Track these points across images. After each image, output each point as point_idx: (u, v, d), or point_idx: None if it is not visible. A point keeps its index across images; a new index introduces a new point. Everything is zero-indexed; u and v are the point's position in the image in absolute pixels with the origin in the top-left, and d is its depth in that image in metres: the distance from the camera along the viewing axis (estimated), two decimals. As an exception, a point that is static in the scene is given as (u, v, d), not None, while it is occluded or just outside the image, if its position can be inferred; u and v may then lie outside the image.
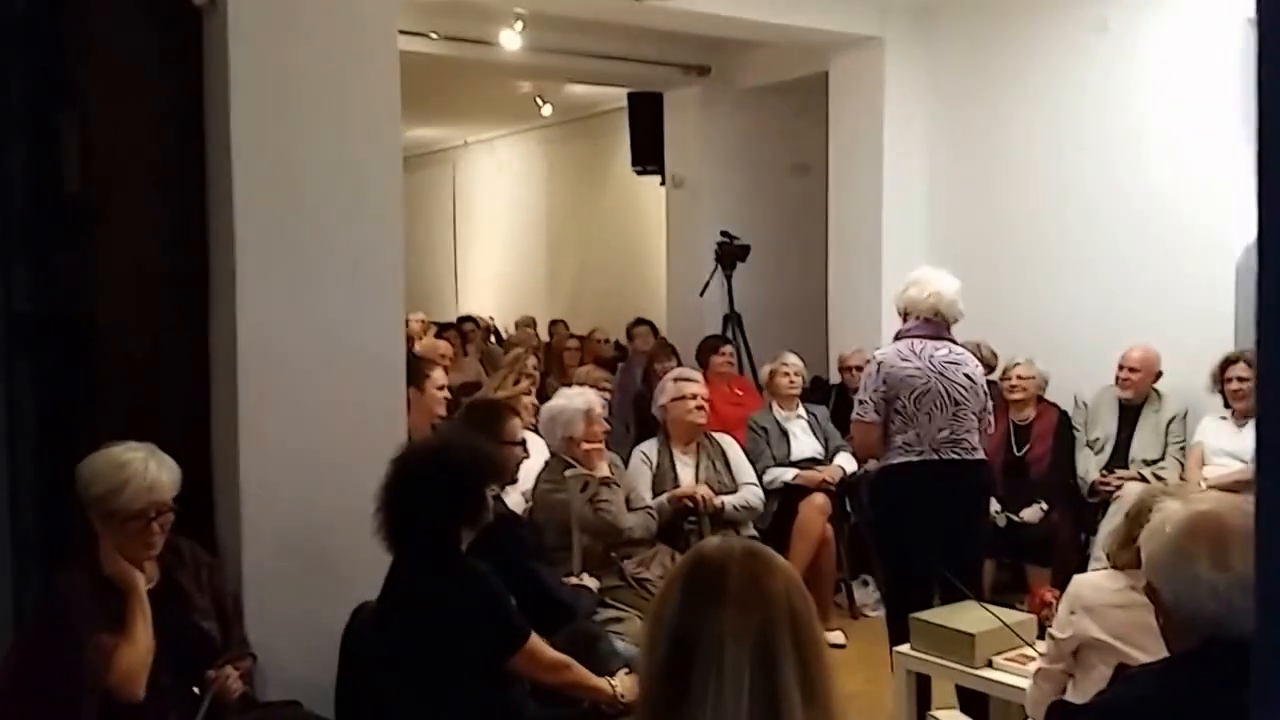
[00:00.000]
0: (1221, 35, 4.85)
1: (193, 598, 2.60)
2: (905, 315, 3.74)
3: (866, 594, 5.09)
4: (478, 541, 2.55)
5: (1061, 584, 4.60)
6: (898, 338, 3.75)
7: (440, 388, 4.18)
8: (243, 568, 2.86)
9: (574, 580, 3.22)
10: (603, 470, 3.61)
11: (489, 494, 2.48)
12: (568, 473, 3.53)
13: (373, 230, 3.02)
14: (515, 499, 3.81)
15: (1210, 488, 4.52)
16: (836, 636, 4.65)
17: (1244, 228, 4.88)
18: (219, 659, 2.57)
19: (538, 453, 3.87)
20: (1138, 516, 2.48)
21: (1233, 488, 4.49)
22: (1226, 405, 4.67)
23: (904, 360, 3.61)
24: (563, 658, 2.49)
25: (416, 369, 4.27)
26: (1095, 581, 2.54)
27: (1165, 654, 1.75)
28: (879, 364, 3.64)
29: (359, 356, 3.01)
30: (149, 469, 2.46)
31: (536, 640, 2.44)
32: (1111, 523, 4.63)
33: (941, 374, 3.59)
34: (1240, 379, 4.58)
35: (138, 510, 2.45)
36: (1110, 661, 2.44)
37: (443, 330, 8.20)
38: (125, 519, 2.45)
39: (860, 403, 3.65)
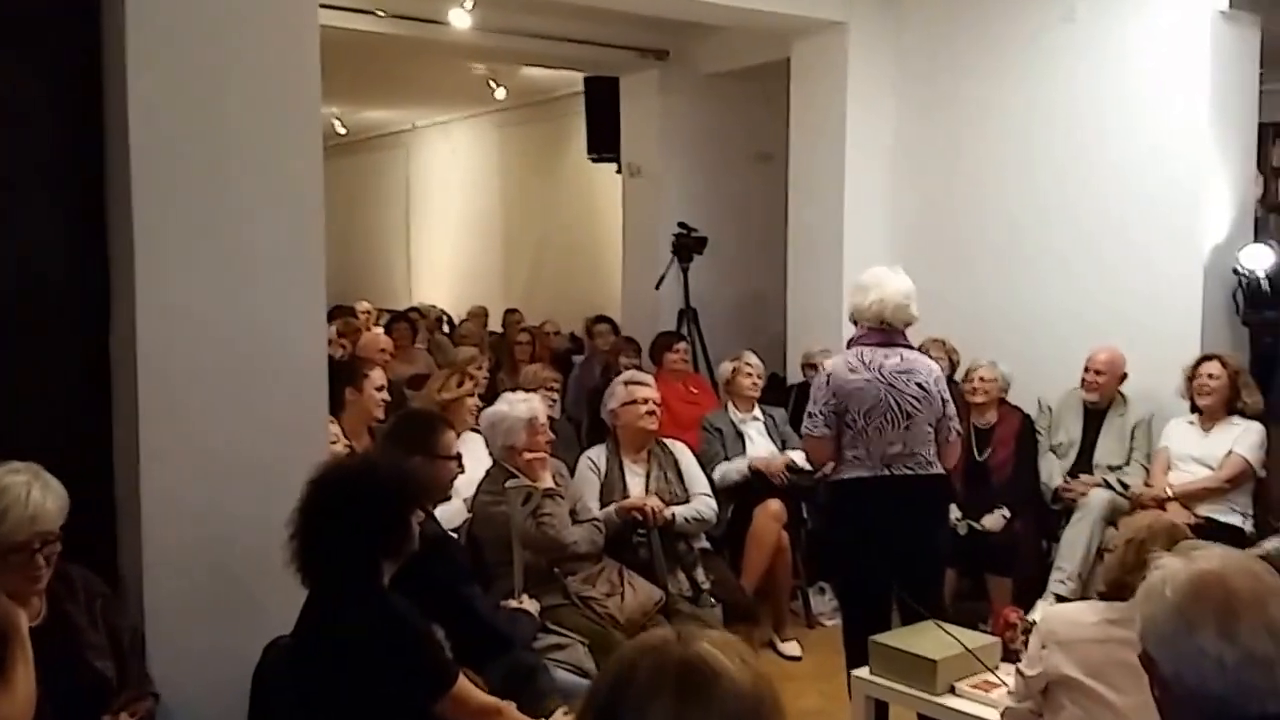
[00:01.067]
0: (1192, 27, 4.72)
1: (85, 633, 2.37)
2: (854, 322, 3.56)
3: (823, 602, 4.93)
4: (405, 566, 2.34)
5: (1023, 593, 4.51)
6: (849, 346, 3.57)
7: (379, 388, 3.99)
8: (144, 597, 2.61)
9: (513, 603, 3.01)
10: (546, 481, 3.40)
11: (415, 521, 2.26)
12: (508, 484, 3.31)
13: (289, 222, 2.77)
14: (457, 506, 3.60)
15: (1176, 495, 4.42)
16: (792, 648, 4.52)
17: (1214, 227, 4.76)
18: (114, 701, 2.34)
19: (481, 458, 3.65)
20: (1141, 546, 2.32)
21: (1199, 494, 4.40)
22: (1194, 409, 4.55)
23: (852, 372, 3.42)
24: (493, 702, 2.28)
25: (354, 369, 4.07)
26: (1070, 615, 2.37)
27: (1146, 695, 1.59)
28: (828, 375, 3.48)
29: (275, 361, 2.77)
30: (32, 495, 2.22)
31: (465, 684, 2.23)
32: (1076, 530, 4.52)
33: (891, 385, 3.40)
34: (1211, 376, 4.45)
35: (20, 542, 2.20)
36: (1082, 702, 2.29)
37: (394, 320, 7.90)
38: (5, 551, 2.20)
39: (810, 415, 3.48)
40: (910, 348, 3.60)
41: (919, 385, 3.43)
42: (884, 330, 3.48)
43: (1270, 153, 7.84)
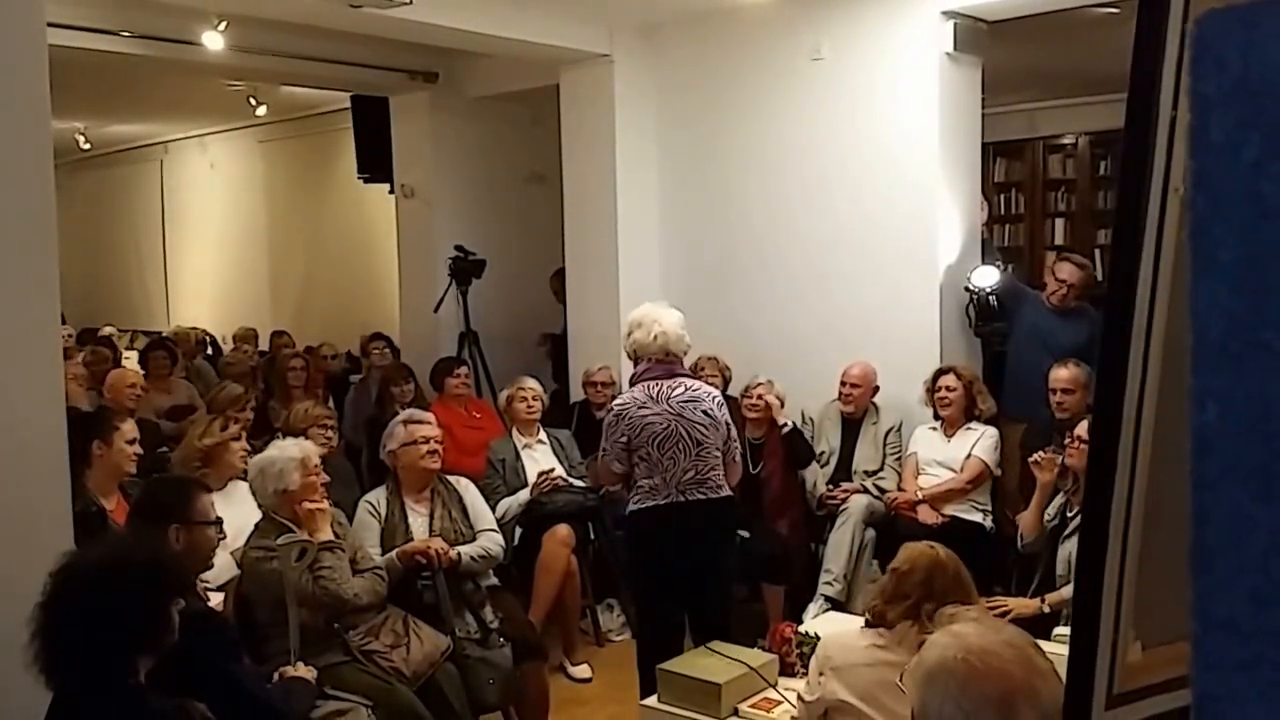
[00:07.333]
0: (923, 67, 5.12)
1: None
2: (636, 359, 3.69)
3: (612, 618, 5.07)
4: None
5: (794, 597, 4.80)
6: (633, 382, 3.71)
7: (131, 441, 3.72)
8: None
9: (289, 671, 2.89)
10: (325, 533, 3.25)
11: (175, 611, 2.12)
12: (281, 539, 3.14)
13: (11, 264, 2.49)
14: (224, 560, 3.40)
15: (925, 498, 4.83)
16: (582, 671, 4.60)
17: (947, 249, 5.22)
18: None
19: (252, 507, 3.48)
20: (909, 574, 2.52)
21: (945, 496, 4.82)
22: (936, 417, 4.98)
23: (642, 407, 3.58)
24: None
25: (103, 420, 3.79)
26: (844, 641, 2.56)
27: (907, 715, 1.73)
28: (617, 415, 3.61)
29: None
30: None
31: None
32: (840, 534, 4.84)
33: (680, 415, 3.58)
34: (948, 388, 4.89)
35: None
36: (855, 724, 2.47)
37: (150, 348, 7.36)
38: None
39: (604, 451, 3.61)
40: (689, 375, 3.81)
41: (704, 413, 3.62)
42: (666, 362, 3.65)
43: (991, 170, 8.70)
